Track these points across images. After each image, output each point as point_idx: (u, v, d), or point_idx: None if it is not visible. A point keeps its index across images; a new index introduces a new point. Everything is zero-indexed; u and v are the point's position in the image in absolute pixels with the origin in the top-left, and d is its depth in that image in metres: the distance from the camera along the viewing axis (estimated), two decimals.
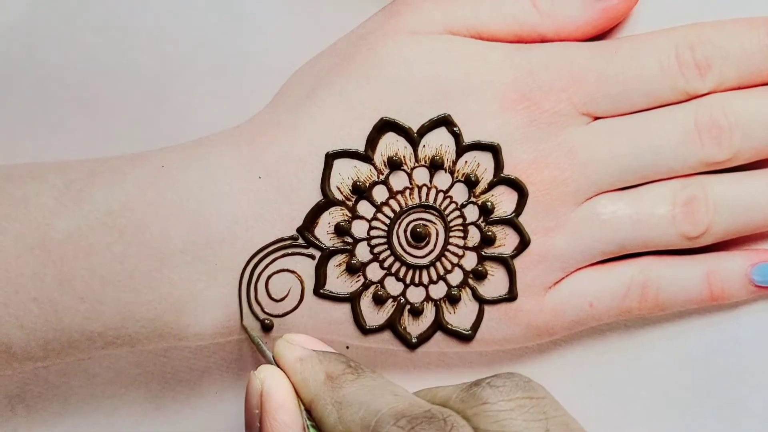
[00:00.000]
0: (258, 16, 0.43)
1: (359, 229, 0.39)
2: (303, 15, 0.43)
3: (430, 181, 0.39)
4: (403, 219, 0.39)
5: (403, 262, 0.39)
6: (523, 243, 0.39)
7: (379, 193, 0.39)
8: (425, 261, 0.39)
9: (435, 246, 0.39)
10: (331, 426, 0.33)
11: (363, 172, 0.39)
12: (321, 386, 0.34)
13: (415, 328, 0.40)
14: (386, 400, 0.32)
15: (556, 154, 0.39)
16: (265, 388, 0.35)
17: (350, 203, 0.39)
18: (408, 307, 0.39)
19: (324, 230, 0.39)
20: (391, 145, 0.39)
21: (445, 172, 0.39)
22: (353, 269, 0.39)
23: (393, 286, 0.39)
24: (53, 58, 0.43)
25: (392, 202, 0.39)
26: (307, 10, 0.43)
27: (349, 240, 0.39)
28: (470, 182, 0.39)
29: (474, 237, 0.39)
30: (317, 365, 0.35)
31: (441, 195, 0.39)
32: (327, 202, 0.38)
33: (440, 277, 0.39)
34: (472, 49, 0.39)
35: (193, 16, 0.43)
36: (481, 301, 0.39)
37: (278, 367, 0.36)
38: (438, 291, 0.39)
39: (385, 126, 0.39)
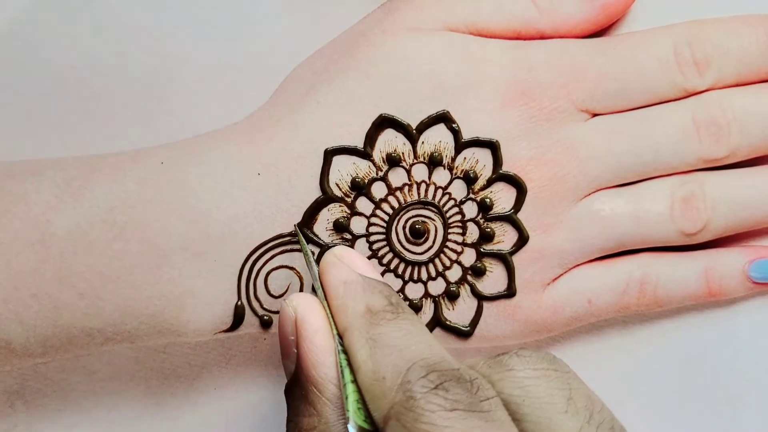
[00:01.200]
0: (257, 14, 0.43)
1: (358, 225, 0.39)
2: (302, 12, 0.43)
3: (429, 178, 0.39)
4: (402, 215, 0.39)
5: (402, 259, 0.39)
6: (522, 239, 0.39)
7: (378, 190, 0.39)
8: (424, 257, 0.39)
9: (434, 242, 0.39)
10: (361, 361, 0.32)
11: (362, 168, 0.39)
12: (359, 317, 0.33)
13: None
14: (420, 350, 0.32)
15: (555, 151, 0.39)
16: (299, 314, 0.34)
17: (349, 200, 0.39)
18: (407, 303, 0.39)
19: (323, 227, 0.39)
20: (390, 141, 0.39)
21: (444, 168, 0.39)
22: None
23: (392, 283, 0.39)
24: (54, 56, 0.43)
25: (391, 198, 0.39)
26: (306, 8, 0.43)
27: (348, 236, 0.39)
28: (469, 179, 0.39)
29: (473, 233, 0.39)
30: (360, 294, 0.34)
31: (440, 191, 0.39)
32: (326, 198, 0.38)
33: (439, 274, 0.39)
34: (471, 46, 0.39)
35: (192, 13, 0.43)
36: (480, 298, 0.40)
37: (321, 282, 0.35)
38: (437, 287, 0.40)
39: (384, 122, 0.39)
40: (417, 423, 0.29)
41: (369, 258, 0.39)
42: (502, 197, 0.39)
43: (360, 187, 0.39)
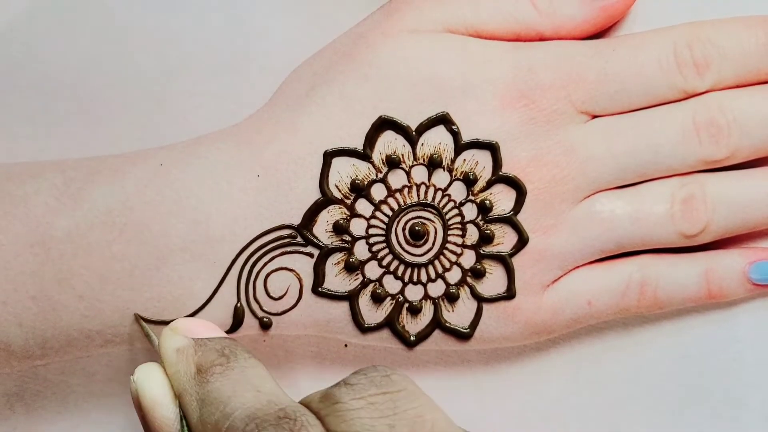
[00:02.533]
0: (257, 15, 0.43)
1: (358, 227, 0.39)
2: (302, 14, 0.43)
3: (429, 180, 0.39)
4: (402, 217, 0.39)
5: (402, 261, 0.39)
6: (522, 241, 0.39)
7: (378, 192, 0.39)
8: (424, 259, 0.39)
9: (433, 244, 0.39)
10: (194, 425, 0.32)
11: (361, 170, 0.39)
12: (190, 380, 0.33)
13: (413, 326, 0.40)
14: (244, 399, 0.31)
15: (555, 153, 0.39)
16: (139, 388, 0.34)
17: (349, 201, 0.39)
18: (406, 305, 0.39)
19: (322, 228, 0.39)
20: (389, 143, 0.39)
21: (444, 170, 0.39)
22: (352, 267, 0.39)
23: (391, 285, 0.39)
24: (53, 57, 0.43)
25: (391, 200, 0.39)
26: (305, 9, 0.43)
27: (348, 238, 0.39)
28: (469, 180, 0.39)
29: (472, 235, 0.39)
30: (191, 356, 0.34)
31: (439, 193, 0.39)
32: (325, 200, 0.38)
33: (439, 276, 0.39)
34: (471, 48, 0.39)
35: (192, 15, 0.43)
36: (480, 300, 0.40)
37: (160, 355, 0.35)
38: (436, 289, 0.39)
39: (383, 124, 0.39)
40: None
41: (369, 260, 0.39)
42: (501, 199, 0.39)
43: (359, 189, 0.39)
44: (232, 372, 0.33)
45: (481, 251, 0.39)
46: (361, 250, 0.39)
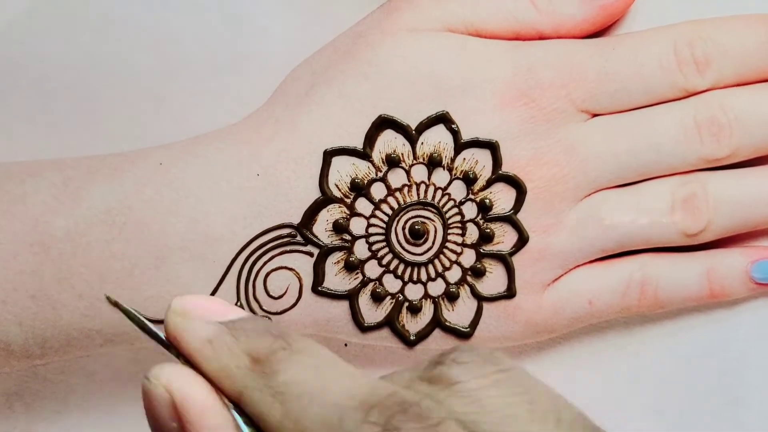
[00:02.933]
0: (256, 14, 0.43)
1: (357, 226, 0.39)
2: (301, 13, 0.43)
3: (429, 179, 0.39)
4: (402, 216, 0.39)
5: (402, 260, 0.39)
6: (522, 240, 0.39)
7: (378, 191, 0.39)
8: (424, 258, 0.39)
9: (433, 243, 0.39)
10: (277, 423, 0.26)
11: (361, 169, 0.39)
12: (249, 374, 0.27)
13: (413, 325, 0.40)
14: (341, 387, 0.26)
15: (555, 151, 0.39)
16: (178, 396, 0.27)
17: (348, 200, 0.39)
18: (406, 304, 0.39)
19: (322, 227, 0.39)
20: (389, 142, 0.39)
21: (444, 169, 0.39)
22: (351, 266, 0.39)
23: (391, 284, 0.39)
24: (52, 56, 0.43)
25: (390, 199, 0.39)
26: (305, 8, 0.43)
27: (348, 237, 0.39)
28: (468, 179, 0.39)
29: (472, 234, 0.39)
30: (234, 346, 0.27)
31: (439, 192, 0.39)
32: (325, 199, 0.38)
33: (439, 275, 0.39)
34: (470, 47, 0.39)
35: (191, 14, 0.43)
36: (480, 299, 0.39)
37: (179, 351, 0.28)
38: (436, 288, 0.39)
39: (383, 123, 0.38)
40: None
41: (369, 259, 0.39)
42: (501, 198, 0.39)
43: (359, 188, 0.39)
44: (300, 355, 0.27)
45: (481, 250, 0.39)
46: (360, 249, 0.39)
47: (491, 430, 0.26)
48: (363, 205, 0.39)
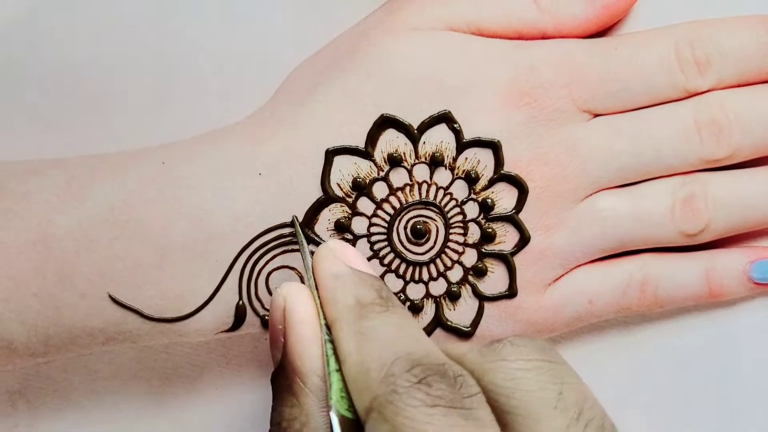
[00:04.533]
0: (259, 13, 0.43)
1: (359, 225, 0.39)
2: (304, 12, 0.43)
3: (431, 178, 0.39)
4: (403, 216, 0.39)
5: (403, 259, 0.39)
6: (523, 240, 0.39)
7: (380, 190, 0.39)
8: (425, 258, 0.39)
9: (435, 243, 0.39)
10: (347, 352, 0.32)
11: (363, 168, 0.39)
12: (348, 310, 0.33)
13: None
14: (407, 344, 0.32)
15: (557, 151, 0.39)
16: (288, 304, 0.34)
17: (350, 200, 0.39)
18: (408, 303, 0.39)
19: (324, 227, 0.39)
20: (391, 141, 0.39)
21: (446, 168, 0.39)
22: None
23: (393, 283, 0.39)
24: (55, 56, 0.43)
25: (392, 198, 0.39)
26: (308, 7, 0.43)
27: (349, 236, 0.39)
28: (470, 179, 0.39)
29: (474, 234, 0.39)
30: (350, 286, 0.34)
31: (441, 192, 0.39)
32: (327, 198, 0.38)
33: (440, 274, 0.39)
34: (472, 46, 0.39)
35: (194, 13, 0.43)
36: (481, 298, 0.40)
37: (313, 273, 0.35)
38: (438, 288, 0.40)
39: (385, 122, 0.39)
40: (398, 417, 0.29)
41: (370, 258, 0.39)
42: (503, 197, 0.39)
43: (361, 187, 0.39)
44: (392, 316, 0.33)
45: (483, 250, 0.39)
46: (362, 249, 0.39)
47: (518, 405, 0.30)
48: (365, 205, 0.39)
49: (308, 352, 0.33)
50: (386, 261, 0.39)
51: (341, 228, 0.39)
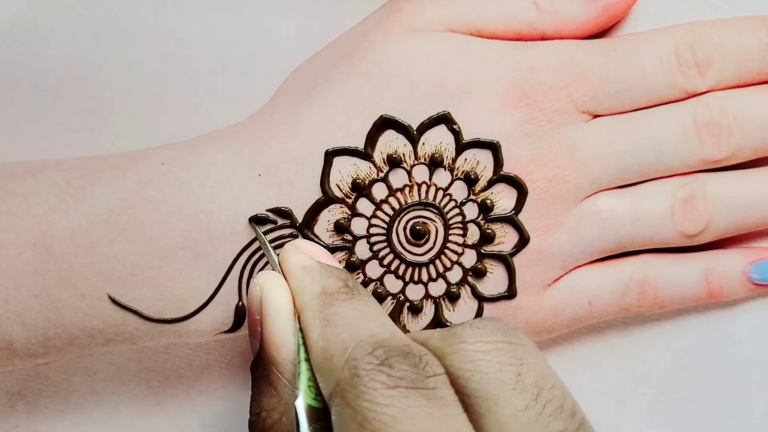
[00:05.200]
0: (258, 15, 0.43)
1: (359, 226, 0.39)
2: (303, 13, 0.43)
3: (430, 179, 0.39)
4: (403, 217, 0.39)
5: (403, 260, 0.39)
6: (523, 241, 0.39)
7: (379, 191, 0.39)
8: (424, 259, 0.39)
9: (434, 244, 0.39)
10: (313, 340, 0.33)
11: (362, 169, 0.39)
12: (314, 298, 0.34)
13: (414, 325, 0.40)
14: (370, 328, 0.32)
15: (556, 152, 0.39)
16: (264, 293, 0.34)
17: (350, 201, 0.39)
18: (407, 304, 0.39)
19: (323, 228, 0.39)
20: (390, 142, 0.39)
21: (445, 169, 0.39)
22: (353, 267, 0.39)
23: (392, 284, 0.39)
24: (54, 56, 0.43)
25: (392, 199, 0.39)
26: (307, 8, 0.43)
27: (349, 238, 0.39)
28: (470, 180, 0.39)
29: (473, 235, 0.39)
30: (317, 277, 0.34)
31: (440, 193, 0.39)
32: (326, 199, 0.38)
33: (439, 275, 0.39)
34: (472, 47, 0.39)
35: (193, 14, 0.43)
36: (481, 299, 0.40)
37: (281, 270, 0.36)
38: (437, 288, 0.40)
39: (384, 123, 0.39)
40: (359, 400, 0.30)
41: (369, 259, 0.39)
42: (502, 198, 0.39)
43: (361, 188, 0.39)
44: (356, 302, 0.34)
45: (482, 251, 0.39)
46: (362, 250, 0.39)
47: (477, 388, 0.30)
48: (364, 206, 0.39)
49: (284, 341, 0.34)
50: (386, 262, 0.39)
51: (341, 229, 0.39)
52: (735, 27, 0.40)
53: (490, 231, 0.39)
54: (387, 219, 0.39)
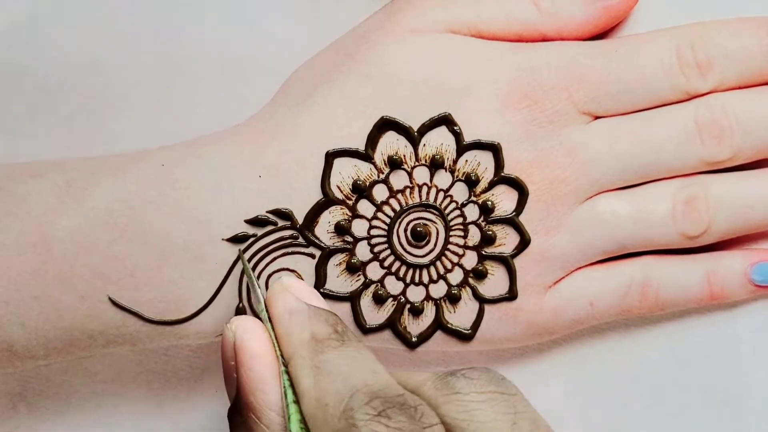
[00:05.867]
0: (259, 16, 0.43)
1: (359, 228, 0.39)
2: (304, 14, 0.43)
3: (431, 180, 0.39)
4: (404, 218, 0.39)
5: (404, 262, 0.39)
6: (524, 242, 0.39)
7: (380, 192, 0.39)
8: (425, 260, 0.39)
9: (435, 245, 0.39)
10: (305, 388, 0.32)
11: (363, 171, 0.39)
12: (304, 345, 0.33)
13: (415, 327, 0.40)
14: (364, 377, 0.32)
15: (557, 153, 0.39)
16: (237, 339, 0.34)
17: (350, 202, 0.39)
18: (408, 306, 0.39)
19: (324, 229, 0.39)
20: (391, 143, 0.39)
21: (446, 171, 0.39)
22: (353, 268, 0.39)
23: (393, 286, 0.39)
24: (54, 57, 0.43)
25: (392, 201, 0.39)
26: (308, 9, 0.43)
27: (350, 239, 0.39)
28: (471, 181, 0.39)
29: (474, 236, 0.39)
30: (305, 322, 0.34)
31: (441, 194, 0.39)
32: (327, 201, 0.38)
33: (440, 277, 0.39)
34: (473, 48, 0.39)
35: (193, 15, 0.43)
36: (482, 301, 0.40)
37: (267, 310, 0.35)
38: (438, 290, 0.39)
39: (385, 125, 0.39)
40: None
41: (370, 261, 0.39)
42: (503, 200, 0.39)
43: (361, 190, 0.39)
44: (347, 349, 0.33)
45: (483, 252, 0.39)
46: (362, 251, 0.39)
47: None
48: (365, 207, 0.39)
49: (261, 387, 0.33)
50: (386, 263, 0.39)
51: (341, 230, 0.39)
52: (736, 28, 0.40)
53: (491, 232, 0.39)
54: (388, 220, 0.39)
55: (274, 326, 0.35)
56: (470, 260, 0.39)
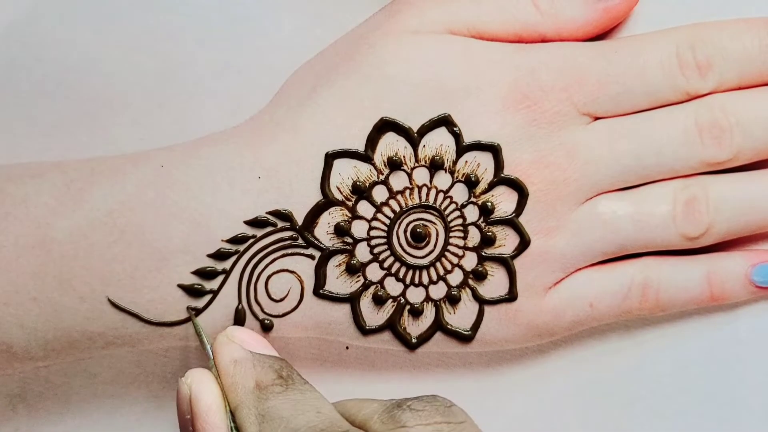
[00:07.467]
0: (258, 16, 0.43)
1: (359, 229, 0.39)
2: (303, 15, 0.43)
3: (430, 181, 0.39)
4: (403, 219, 0.39)
5: (403, 263, 0.39)
6: (524, 243, 0.39)
7: (379, 193, 0.39)
8: (425, 261, 0.39)
9: (435, 246, 0.39)
10: None
11: (363, 172, 0.39)
12: (248, 394, 0.34)
13: (415, 328, 0.40)
14: (307, 418, 0.33)
15: (557, 154, 0.39)
16: (193, 392, 0.35)
17: (350, 203, 0.39)
18: (408, 307, 0.39)
19: (324, 230, 0.39)
20: (391, 144, 0.39)
21: (445, 172, 0.39)
22: (353, 269, 0.39)
23: (393, 287, 0.39)
24: (54, 57, 0.43)
25: (392, 202, 0.39)
26: (307, 10, 0.43)
27: (349, 240, 0.39)
28: (470, 182, 0.39)
29: (474, 237, 0.39)
30: (249, 370, 0.35)
31: (441, 195, 0.39)
32: (327, 202, 0.38)
33: (440, 278, 0.39)
34: (472, 49, 0.39)
35: (193, 15, 0.43)
36: (481, 302, 0.39)
37: (214, 362, 0.36)
38: (438, 291, 0.39)
39: (385, 126, 0.39)
40: None
41: (370, 262, 0.39)
42: (503, 201, 0.39)
43: (361, 191, 0.39)
44: (291, 393, 0.34)
45: (483, 253, 0.39)
46: (362, 252, 0.39)
47: None
48: (364, 208, 0.39)
49: None
50: (386, 264, 0.39)
51: (341, 231, 0.39)
52: (736, 28, 0.40)
53: (490, 233, 0.39)
54: (387, 221, 0.39)
55: (221, 377, 0.35)
56: (470, 261, 0.39)
